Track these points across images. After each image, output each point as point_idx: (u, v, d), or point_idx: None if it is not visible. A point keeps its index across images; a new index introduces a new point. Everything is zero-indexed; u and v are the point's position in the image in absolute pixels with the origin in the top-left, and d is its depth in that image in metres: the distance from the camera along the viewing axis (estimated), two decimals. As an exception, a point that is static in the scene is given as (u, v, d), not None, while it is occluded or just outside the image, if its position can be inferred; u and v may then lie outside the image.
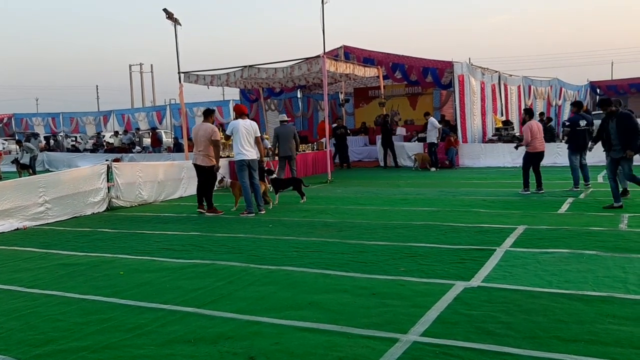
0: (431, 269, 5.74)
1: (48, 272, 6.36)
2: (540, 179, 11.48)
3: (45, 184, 9.93)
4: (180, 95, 18.85)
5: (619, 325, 4.02)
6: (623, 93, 38.88)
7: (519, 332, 3.96)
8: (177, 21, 17.46)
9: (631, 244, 6.51)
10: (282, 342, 3.95)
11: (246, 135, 9.91)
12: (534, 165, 11.46)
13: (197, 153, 10.30)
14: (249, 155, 9.95)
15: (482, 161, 18.92)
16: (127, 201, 11.61)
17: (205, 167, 10.23)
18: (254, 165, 10.08)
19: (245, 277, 5.72)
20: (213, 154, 10.20)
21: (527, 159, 11.50)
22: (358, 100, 27.11)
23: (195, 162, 10.38)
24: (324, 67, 15.67)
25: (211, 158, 10.20)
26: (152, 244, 7.68)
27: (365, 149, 23.20)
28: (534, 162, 11.46)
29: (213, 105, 32.11)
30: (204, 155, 10.20)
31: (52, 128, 36.68)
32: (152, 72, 68.90)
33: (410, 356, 3.63)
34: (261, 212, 10.12)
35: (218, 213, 10.26)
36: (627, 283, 5.02)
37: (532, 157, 11.45)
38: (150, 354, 3.85)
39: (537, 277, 5.33)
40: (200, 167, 10.31)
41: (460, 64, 20.03)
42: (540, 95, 26.59)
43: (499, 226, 7.89)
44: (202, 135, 10.19)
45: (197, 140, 10.29)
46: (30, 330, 4.41)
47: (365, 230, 8.03)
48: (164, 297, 5.13)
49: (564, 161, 17.93)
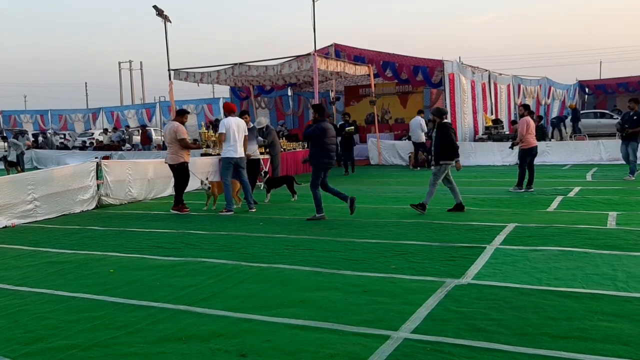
0: (422, 267, 5.76)
1: (37, 270, 6.31)
2: (533, 176, 11.57)
3: (34, 182, 9.85)
4: (170, 93, 18.79)
5: (608, 322, 4.06)
6: (611, 92, 39.25)
7: (509, 329, 3.98)
8: (167, 18, 17.40)
9: (620, 241, 6.57)
10: (274, 339, 3.95)
11: (237, 133, 9.93)
12: (529, 162, 11.56)
13: (167, 152, 10.42)
14: (239, 153, 9.95)
15: (473, 160, 18.99)
16: (117, 199, 11.55)
17: (174, 165, 10.21)
18: (242, 163, 10.05)
19: (237, 275, 5.70)
20: (181, 152, 10.15)
21: (523, 156, 11.59)
22: (349, 98, 27.11)
23: (165, 161, 10.53)
24: (315, 65, 15.68)
25: (179, 156, 10.14)
26: (142, 242, 7.64)
27: (356, 148, 23.15)
28: (530, 158, 11.56)
29: (203, 103, 32.11)
30: (171, 153, 10.21)
31: (41, 125, 36.42)
32: (141, 70, 68.51)
33: (402, 353, 3.64)
34: (252, 209, 10.09)
35: (183, 211, 10.13)
36: (616, 280, 5.07)
37: (527, 153, 11.55)
38: (141, 352, 3.83)
39: (527, 274, 5.37)
40: (169, 166, 10.36)
41: (450, 62, 20.11)
42: (529, 94, 26.76)
43: (489, 224, 7.93)
44: (168, 134, 10.29)
45: (165, 139, 10.44)
46: (19, 329, 4.37)
47: (356, 228, 8.04)
48: (154, 295, 5.11)
49: (554, 160, 18.16)
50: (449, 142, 9.05)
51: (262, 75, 18.23)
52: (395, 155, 20.20)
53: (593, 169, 15.64)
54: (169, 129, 10.31)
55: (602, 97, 40.27)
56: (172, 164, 10.22)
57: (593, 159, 17.79)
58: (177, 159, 10.13)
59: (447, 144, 9.05)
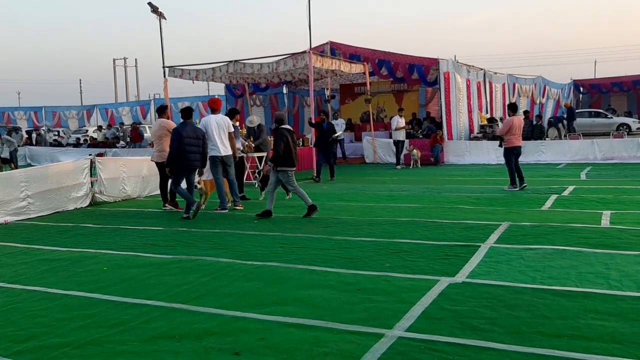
0: (416, 265, 5.76)
1: (30, 267, 6.28)
2: (521, 173, 11.65)
3: (27, 179, 9.80)
4: (165, 90, 18.72)
5: (602, 320, 4.06)
6: (606, 92, 39.41)
7: (502, 327, 3.98)
8: (162, 15, 17.35)
9: (614, 240, 6.59)
10: (268, 337, 3.94)
11: (219, 131, 9.76)
12: (516, 160, 11.65)
13: (154, 149, 10.57)
14: (223, 151, 9.80)
15: (467, 158, 19.03)
16: (111, 196, 11.50)
17: (160, 162, 10.17)
18: (228, 161, 9.91)
19: (231, 273, 5.69)
20: (165, 150, 10.06)
21: (507, 154, 11.73)
22: (344, 96, 27.10)
23: (151, 159, 10.67)
24: (310, 62, 15.64)
25: (162, 154, 10.08)
26: (136, 240, 7.61)
27: (351, 146, 23.21)
28: (513, 156, 11.65)
29: (198, 101, 32.04)
30: (158, 151, 10.23)
31: (35, 122, 36.26)
32: (136, 67, 68.59)
33: (396, 351, 3.64)
34: (238, 207, 10.03)
35: (178, 208, 10.09)
36: (609, 279, 5.08)
37: (509, 151, 11.65)
38: (134, 350, 3.81)
39: (521, 273, 5.37)
40: (156, 163, 10.40)
41: (446, 61, 20.12)
42: (524, 93, 26.82)
43: (484, 223, 7.94)
44: (153, 133, 10.51)
45: (152, 137, 10.58)
46: (11, 326, 4.35)
47: (350, 227, 8.03)
48: (147, 293, 5.09)
49: (548, 158, 18.23)
50: (283, 149, 8.74)
51: (257, 73, 18.18)
52: (391, 153, 20.18)
53: (587, 168, 15.70)
54: (156, 127, 10.43)
55: (597, 96, 40.43)
56: (159, 161, 10.22)
57: (587, 158, 17.84)
58: (163, 157, 10.08)
59: (281, 150, 8.75)
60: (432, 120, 22.17)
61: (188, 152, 9.14)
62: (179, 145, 9.08)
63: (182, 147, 9.09)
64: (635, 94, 38.98)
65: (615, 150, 17.72)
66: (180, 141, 9.08)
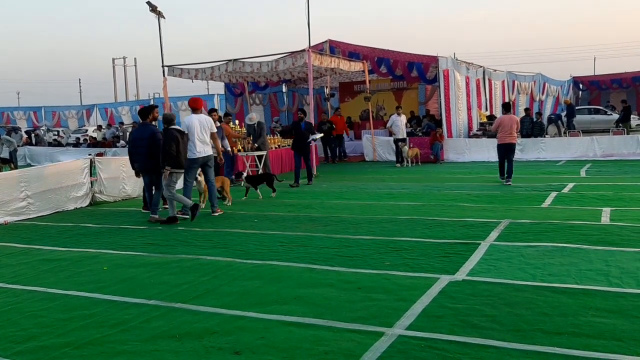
0: (416, 263, 5.76)
1: (30, 267, 6.28)
2: (511, 169, 12.14)
3: (27, 179, 9.80)
4: (164, 89, 18.68)
5: (602, 317, 4.07)
6: (605, 88, 39.36)
7: (503, 325, 3.98)
8: (161, 14, 17.31)
9: (614, 237, 6.59)
10: (268, 336, 3.94)
11: (201, 131, 9.32)
12: (506, 156, 12.31)
13: None
14: (205, 152, 9.37)
15: (467, 156, 19.01)
16: (111, 196, 11.50)
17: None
18: (209, 162, 9.52)
19: (231, 272, 5.69)
20: None
21: (497, 150, 12.64)
22: (343, 94, 27.05)
23: None
24: (309, 61, 15.61)
25: None
26: (136, 239, 7.61)
27: (351, 144, 23.19)
28: (502, 152, 12.39)
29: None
30: None
31: (34, 122, 36.23)
32: (135, 66, 68.74)
33: (396, 350, 3.64)
34: (216, 213, 9.39)
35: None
36: (610, 276, 5.08)
37: (499, 148, 12.50)
38: (135, 350, 3.81)
39: (521, 270, 5.38)
40: None
41: (445, 58, 20.08)
42: (523, 90, 26.79)
43: (484, 220, 7.94)
44: None
45: None
46: (12, 327, 4.35)
47: (350, 225, 8.03)
48: (148, 293, 5.09)
49: (548, 156, 18.21)
50: (171, 149, 8.54)
51: (257, 72, 18.14)
52: (390, 151, 20.15)
53: (587, 165, 15.68)
54: None
55: (596, 93, 40.39)
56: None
57: (587, 155, 17.82)
58: None
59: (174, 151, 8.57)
60: (432, 117, 22.12)
61: (135, 153, 9.22)
62: (130, 147, 9.62)
63: (130, 149, 9.56)
64: (635, 91, 38.95)
65: (615, 147, 17.69)
66: (132, 143, 9.58)
